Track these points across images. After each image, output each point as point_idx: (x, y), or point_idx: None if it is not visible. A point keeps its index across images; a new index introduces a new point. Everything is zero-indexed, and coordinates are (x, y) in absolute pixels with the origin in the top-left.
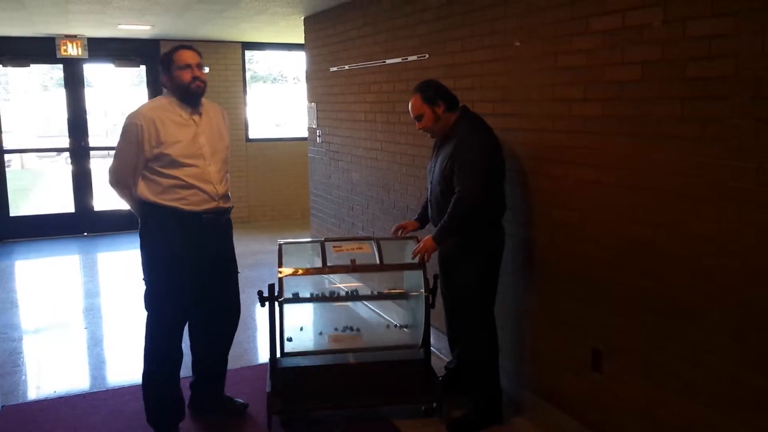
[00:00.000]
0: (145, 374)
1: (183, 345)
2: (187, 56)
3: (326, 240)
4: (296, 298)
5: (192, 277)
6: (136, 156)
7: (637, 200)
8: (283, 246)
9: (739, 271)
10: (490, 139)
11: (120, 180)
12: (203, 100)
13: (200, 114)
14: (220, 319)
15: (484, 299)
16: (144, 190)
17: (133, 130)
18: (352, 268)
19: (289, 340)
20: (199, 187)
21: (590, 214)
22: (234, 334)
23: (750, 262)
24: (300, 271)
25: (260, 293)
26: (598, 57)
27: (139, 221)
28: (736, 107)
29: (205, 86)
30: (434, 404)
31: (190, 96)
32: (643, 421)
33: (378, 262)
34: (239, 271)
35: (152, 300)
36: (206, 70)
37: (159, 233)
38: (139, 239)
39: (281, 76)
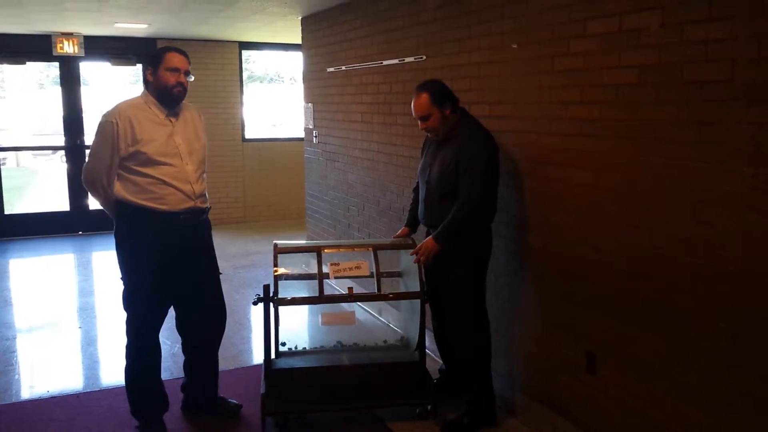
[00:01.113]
0: (127, 369)
1: (177, 345)
2: (177, 60)
3: (322, 248)
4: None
5: (170, 278)
6: (111, 154)
7: (634, 203)
8: (279, 248)
9: (735, 274)
10: (491, 143)
11: (94, 178)
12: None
13: (176, 115)
14: (204, 319)
15: (476, 300)
16: (121, 190)
17: (108, 127)
18: (349, 297)
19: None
20: (176, 187)
21: (586, 217)
22: (222, 334)
23: (746, 266)
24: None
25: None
26: (595, 60)
27: (114, 222)
28: (732, 111)
29: (185, 93)
30: (429, 406)
31: (170, 99)
32: (638, 424)
33: (376, 285)
34: (221, 271)
35: (130, 300)
36: (191, 78)
37: (135, 234)
38: (114, 239)
39: (278, 76)
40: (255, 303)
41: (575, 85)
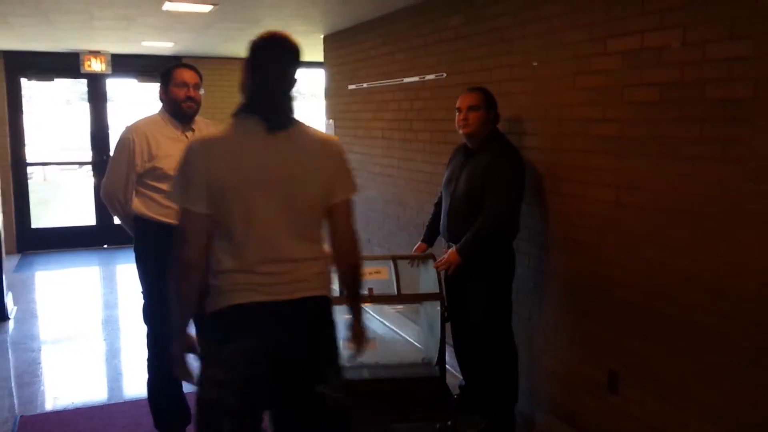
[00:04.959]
0: (149, 382)
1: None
2: (186, 75)
3: None
4: None
5: None
6: (127, 170)
7: (655, 221)
8: None
9: (759, 294)
10: (521, 161)
11: (110, 193)
12: (197, 117)
13: (193, 130)
14: None
15: (501, 318)
16: (139, 206)
17: (126, 144)
18: (369, 298)
19: None
20: None
21: (607, 235)
22: None
23: None
24: None
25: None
26: (617, 78)
27: (134, 236)
28: (755, 129)
29: (197, 107)
30: (449, 422)
31: (181, 114)
32: None
33: (395, 289)
34: None
35: (150, 313)
36: (202, 92)
37: (154, 248)
38: (134, 254)
39: (298, 92)
40: None
41: (596, 103)
